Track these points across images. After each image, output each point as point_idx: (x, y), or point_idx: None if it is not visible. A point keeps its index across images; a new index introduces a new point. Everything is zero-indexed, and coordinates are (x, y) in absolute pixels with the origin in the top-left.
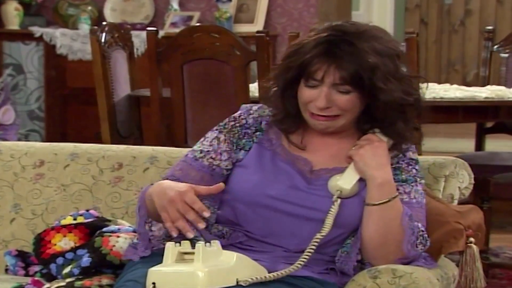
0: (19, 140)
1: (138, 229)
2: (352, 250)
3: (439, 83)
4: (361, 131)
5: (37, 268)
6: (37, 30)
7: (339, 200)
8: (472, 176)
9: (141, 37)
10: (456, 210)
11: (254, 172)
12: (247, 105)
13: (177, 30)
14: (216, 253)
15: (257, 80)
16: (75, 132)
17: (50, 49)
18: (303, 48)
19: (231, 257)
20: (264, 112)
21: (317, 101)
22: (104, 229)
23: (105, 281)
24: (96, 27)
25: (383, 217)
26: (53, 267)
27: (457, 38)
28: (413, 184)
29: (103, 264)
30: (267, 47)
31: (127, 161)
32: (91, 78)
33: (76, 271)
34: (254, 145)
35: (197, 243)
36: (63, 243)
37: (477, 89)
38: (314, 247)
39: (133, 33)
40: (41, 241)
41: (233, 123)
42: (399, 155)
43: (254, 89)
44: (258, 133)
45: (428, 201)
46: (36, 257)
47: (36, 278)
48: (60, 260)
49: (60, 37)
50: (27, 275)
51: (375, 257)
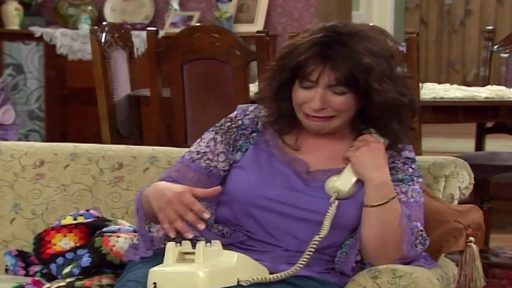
0: (19, 140)
1: (139, 231)
2: (351, 251)
3: (439, 83)
4: (356, 131)
5: (37, 268)
6: (37, 30)
7: (337, 202)
8: (472, 176)
9: (141, 37)
10: (456, 209)
11: (251, 173)
12: (243, 105)
13: (177, 30)
14: (217, 253)
15: (257, 80)
16: (75, 132)
17: (50, 49)
18: (297, 49)
19: (232, 257)
20: (260, 113)
21: (312, 102)
22: (104, 229)
23: (105, 281)
24: (96, 27)
25: (381, 218)
26: (53, 267)
27: (457, 38)
28: (410, 184)
29: (103, 264)
30: (267, 47)
31: (127, 161)
32: (91, 78)
33: (76, 271)
34: (250, 146)
35: (198, 243)
36: (63, 243)
37: (477, 89)
38: (313, 249)
39: (133, 33)
40: (41, 241)
41: (229, 124)
42: (394, 155)
43: (254, 89)
44: (254, 134)
45: (428, 200)
46: (36, 257)
47: (36, 278)
48: (60, 260)
49: (60, 37)
50: (27, 275)
51: (374, 258)
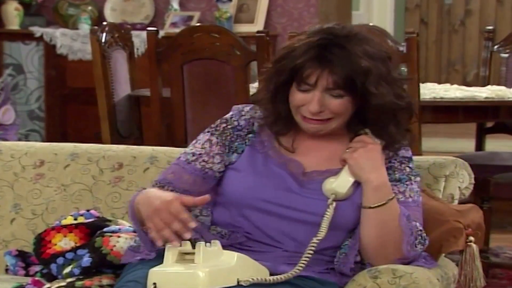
0: (19, 140)
1: (138, 235)
2: (350, 252)
3: (439, 83)
4: (353, 131)
5: (37, 268)
6: (37, 30)
7: (334, 203)
8: (472, 176)
9: (141, 37)
10: (456, 209)
11: (247, 175)
12: (239, 106)
13: (177, 30)
14: (217, 253)
15: (257, 80)
16: (75, 132)
17: (50, 49)
18: (294, 52)
19: (232, 257)
20: (256, 113)
21: (309, 105)
22: (105, 229)
23: (105, 281)
24: (96, 27)
25: (380, 219)
26: (53, 267)
27: (457, 38)
28: (407, 183)
29: (103, 264)
30: (267, 47)
31: (127, 161)
32: (91, 78)
33: (77, 271)
34: (246, 148)
35: (198, 243)
36: (63, 243)
37: (477, 89)
38: (311, 251)
39: (133, 33)
40: (41, 241)
41: (224, 125)
42: (391, 155)
43: (254, 89)
44: (250, 135)
45: (428, 200)
46: (36, 257)
47: (37, 278)
48: (60, 260)
49: (60, 37)
50: (27, 275)
51: (374, 258)
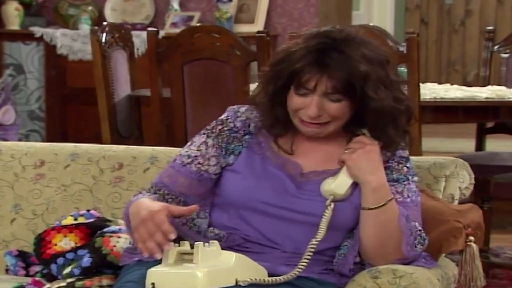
0: (19, 140)
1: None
2: (350, 253)
3: (440, 83)
4: (350, 132)
5: (37, 268)
6: (37, 30)
7: (333, 204)
8: (473, 176)
9: (142, 37)
10: (456, 209)
11: (245, 177)
12: (234, 106)
13: (177, 30)
14: (215, 253)
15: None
16: (76, 132)
17: (50, 49)
18: (292, 56)
19: (231, 257)
20: (251, 114)
21: (308, 109)
22: (105, 230)
23: (105, 281)
24: (96, 27)
25: (380, 220)
26: (53, 267)
27: (457, 38)
28: (405, 183)
29: (103, 264)
30: (267, 47)
31: (127, 161)
32: (91, 78)
33: (77, 271)
34: (243, 149)
35: (196, 243)
36: (63, 243)
37: (477, 89)
38: (311, 253)
39: (134, 33)
40: (41, 241)
41: (220, 127)
42: (389, 155)
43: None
44: (247, 136)
45: (427, 200)
46: (36, 257)
47: (37, 278)
48: (60, 260)
49: (60, 37)
50: (27, 275)
51: (374, 259)
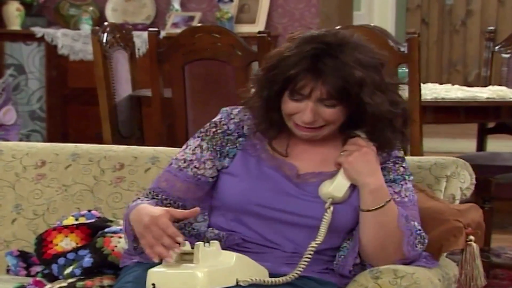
0: (20, 140)
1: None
2: (350, 254)
3: (441, 84)
4: (346, 134)
5: (38, 268)
6: (38, 31)
7: (332, 207)
8: (474, 176)
9: (143, 38)
10: (456, 208)
11: (241, 180)
12: (227, 108)
13: (178, 31)
14: (216, 253)
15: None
16: (76, 132)
17: (51, 49)
18: (286, 61)
19: (231, 257)
20: (245, 116)
21: (303, 114)
22: (106, 230)
23: (106, 281)
24: (97, 28)
25: (379, 222)
26: (54, 267)
27: (458, 39)
28: (402, 183)
29: (104, 264)
30: (268, 48)
31: (128, 161)
32: (92, 78)
33: (78, 271)
34: (238, 152)
35: (196, 243)
36: (64, 243)
37: (478, 89)
38: (310, 255)
39: (135, 33)
40: (42, 241)
41: (214, 129)
42: (384, 156)
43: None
44: (241, 139)
45: (427, 200)
46: (37, 257)
47: (38, 279)
48: (61, 261)
49: (61, 37)
50: (28, 275)
51: (375, 260)
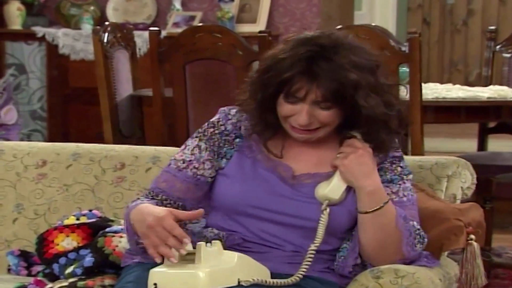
0: (21, 140)
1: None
2: (350, 255)
3: (442, 83)
4: (342, 135)
5: (39, 268)
6: (39, 30)
7: (328, 209)
8: (475, 176)
9: (144, 37)
10: (456, 207)
11: (235, 181)
12: (225, 108)
13: (179, 30)
14: (217, 253)
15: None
16: (77, 132)
17: (52, 49)
18: (280, 64)
19: (233, 257)
20: (242, 116)
21: (298, 117)
22: (107, 229)
23: (107, 281)
24: (98, 27)
25: (378, 223)
26: (55, 267)
27: (459, 38)
28: (400, 183)
29: (105, 264)
30: (269, 47)
31: (129, 161)
32: (93, 78)
33: (79, 271)
34: (234, 153)
35: (198, 243)
36: (65, 243)
37: (479, 89)
38: (310, 259)
39: (136, 33)
40: (43, 241)
41: (212, 130)
42: (381, 156)
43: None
44: (238, 139)
45: (428, 200)
46: (38, 257)
47: (39, 278)
48: (62, 260)
49: (62, 37)
50: (29, 275)
51: (375, 260)
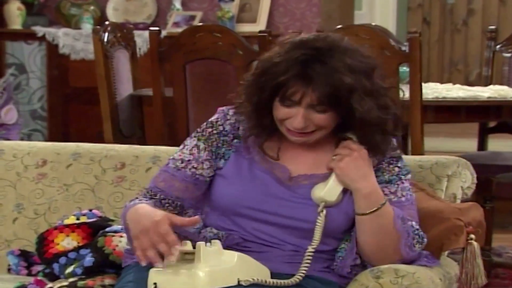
0: (21, 139)
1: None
2: (348, 256)
3: (442, 83)
4: (338, 136)
5: (39, 267)
6: (39, 30)
7: (325, 211)
8: (475, 175)
9: (144, 37)
10: (456, 207)
11: (232, 183)
12: (224, 108)
13: (179, 30)
14: (217, 252)
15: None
16: (78, 131)
17: (52, 48)
18: (275, 67)
19: (232, 256)
20: (241, 117)
21: (294, 120)
22: (107, 229)
23: (107, 281)
24: (98, 27)
25: (375, 225)
26: (55, 266)
27: (459, 38)
28: (398, 183)
29: (106, 264)
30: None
31: (129, 160)
32: (93, 77)
33: (79, 270)
34: (232, 154)
35: (198, 243)
36: (66, 242)
37: (479, 88)
38: (309, 260)
39: (136, 32)
40: (43, 240)
41: (210, 129)
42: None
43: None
44: (235, 140)
45: (428, 199)
46: (38, 256)
47: (39, 278)
48: (63, 260)
49: (62, 36)
50: (29, 274)
51: (374, 261)
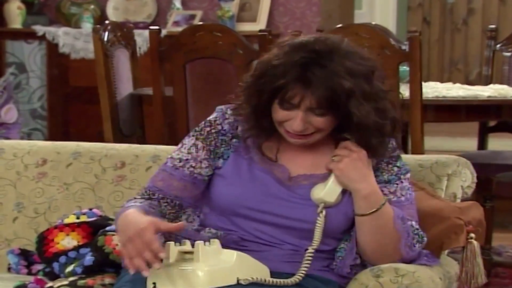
0: (21, 139)
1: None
2: (347, 256)
3: (442, 82)
4: (337, 137)
5: (39, 266)
6: (39, 29)
7: (325, 211)
8: (475, 175)
9: (144, 36)
10: (456, 206)
11: (231, 183)
12: (222, 107)
13: (179, 29)
14: (216, 252)
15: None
16: (78, 130)
17: (52, 48)
18: (274, 70)
19: (231, 256)
20: (239, 117)
21: (293, 123)
22: (107, 228)
23: (107, 280)
24: (98, 26)
25: (375, 225)
26: (56, 266)
27: (459, 37)
28: (397, 183)
29: (106, 263)
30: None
31: (129, 160)
32: (93, 77)
33: (79, 270)
34: (231, 154)
35: (197, 242)
36: (66, 241)
37: (479, 88)
38: (309, 261)
39: (136, 32)
40: (44, 239)
41: (208, 129)
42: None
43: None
44: (234, 140)
45: (428, 198)
46: (39, 255)
47: (39, 277)
48: (63, 259)
49: (62, 36)
50: (29, 273)
51: (374, 261)
